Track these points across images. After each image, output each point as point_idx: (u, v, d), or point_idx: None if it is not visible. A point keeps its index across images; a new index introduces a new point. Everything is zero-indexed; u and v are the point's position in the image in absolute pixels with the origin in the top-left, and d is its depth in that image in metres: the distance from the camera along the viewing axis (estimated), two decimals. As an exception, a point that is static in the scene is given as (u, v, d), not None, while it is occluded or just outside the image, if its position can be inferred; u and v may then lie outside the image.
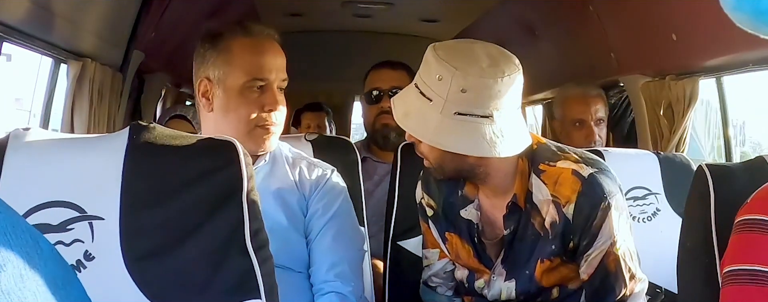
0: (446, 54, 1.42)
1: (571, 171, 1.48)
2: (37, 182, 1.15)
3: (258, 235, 1.18)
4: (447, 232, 1.64)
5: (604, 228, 1.47)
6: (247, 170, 1.18)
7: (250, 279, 1.16)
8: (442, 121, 1.41)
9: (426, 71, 1.44)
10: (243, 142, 1.55)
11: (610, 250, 1.48)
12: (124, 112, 2.98)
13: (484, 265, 1.61)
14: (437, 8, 4.30)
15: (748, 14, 1.01)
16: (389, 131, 2.40)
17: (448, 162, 1.50)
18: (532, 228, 1.52)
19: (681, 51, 2.49)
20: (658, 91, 2.70)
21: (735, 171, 1.36)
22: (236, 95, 1.59)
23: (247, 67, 1.59)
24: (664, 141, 2.69)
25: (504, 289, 1.59)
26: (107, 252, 1.13)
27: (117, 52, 2.78)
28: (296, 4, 4.21)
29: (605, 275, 1.50)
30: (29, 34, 2.15)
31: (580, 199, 1.46)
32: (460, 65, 1.40)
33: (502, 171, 1.51)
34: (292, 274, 1.60)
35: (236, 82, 1.59)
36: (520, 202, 1.52)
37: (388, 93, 2.41)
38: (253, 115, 1.59)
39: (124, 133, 1.20)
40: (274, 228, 1.58)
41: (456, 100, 1.39)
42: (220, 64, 1.60)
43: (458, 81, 1.38)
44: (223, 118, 1.61)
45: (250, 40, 1.61)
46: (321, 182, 1.67)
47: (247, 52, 1.60)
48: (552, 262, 1.53)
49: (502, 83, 1.40)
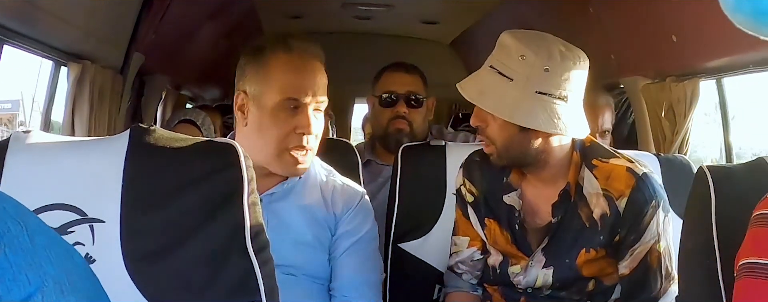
0: (526, 37, 1.53)
1: (625, 168, 1.57)
2: (38, 185, 1.15)
3: (258, 237, 1.18)
4: (486, 218, 1.69)
5: (651, 225, 1.55)
6: (248, 172, 1.18)
7: (251, 281, 1.16)
8: (522, 99, 1.50)
9: (504, 53, 1.52)
10: (272, 164, 1.57)
11: (653, 247, 1.56)
12: (125, 114, 2.99)
13: (522, 252, 1.65)
14: (437, 10, 4.30)
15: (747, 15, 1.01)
16: (402, 136, 2.38)
17: (515, 146, 1.55)
18: (578, 219, 1.58)
19: (681, 52, 2.49)
20: (659, 92, 2.70)
21: (735, 173, 1.36)
22: (269, 114, 1.54)
23: (282, 86, 1.54)
24: (667, 143, 2.68)
25: (541, 275, 1.63)
26: (108, 255, 1.13)
27: (117, 54, 2.78)
28: (296, 6, 4.21)
29: (646, 270, 1.56)
30: (29, 37, 2.15)
31: (633, 194, 1.54)
32: (543, 45, 1.51)
33: (559, 161, 1.59)
34: (312, 284, 1.62)
35: (271, 101, 1.54)
36: (572, 191, 1.59)
37: (405, 97, 2.39)
38: (283, 137, 1.55)
39: (124, 135, 1.20)
40: (302, 242, 1.60)
41: (538, 78, 1.49)
42: (257, 79, 1.56)
43: (543, 59, 1.49)
44: (254, 135, 1.57)
45: (289, 57, 1.56)
46: (352, 204, 1.67)
47: (284, 70, 1.55)
48: (597, 253, 1.59)
49: (578, 67, 1.53)
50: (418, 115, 2.40)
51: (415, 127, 2.39)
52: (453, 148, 2.07)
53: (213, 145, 1.22)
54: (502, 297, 1.72)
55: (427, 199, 2.04)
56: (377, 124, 2.45)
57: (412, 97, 2.38)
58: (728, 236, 1.22)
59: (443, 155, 2.05)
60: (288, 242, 1.58)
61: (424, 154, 2.09)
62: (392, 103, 2.39)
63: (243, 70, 1.59)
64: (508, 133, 1.55)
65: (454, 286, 1.79)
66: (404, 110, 2.38)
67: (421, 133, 2.43)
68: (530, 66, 1.49)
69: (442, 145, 2.08)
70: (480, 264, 1.76)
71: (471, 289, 1.78)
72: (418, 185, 2.06)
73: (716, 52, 2.33)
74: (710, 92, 2.65)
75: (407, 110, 2.38)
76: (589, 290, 1.63)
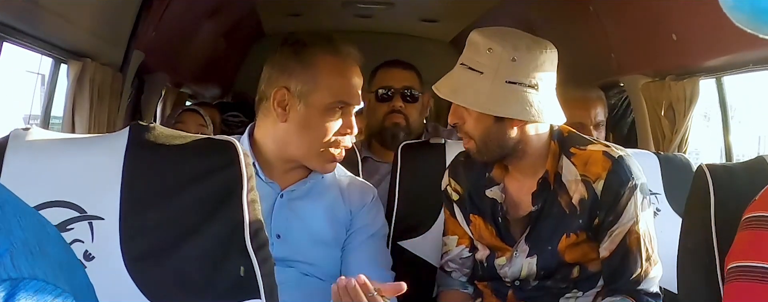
0: (492, 32, 1.58)
1: (602, 152, 1.60)
2: (37, 182, 1.15)
3: (258, 235, 1.18)
4: (471, 214, 1.73)
5: (629, 207, 1.57)
6: (247, 170, 1.18)
7: (250, 280, 1.16)
8: (493, 90, 1.54)
9: (473, 50, 1.58)
10: (310, 160, 1.61)
11: (632, 229, 1.58)
12: (125, 112, 2.99)
13: (507, 243, 1.68)
14: (437, 8, 4.30)
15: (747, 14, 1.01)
16: (399, 131, 2.40)
17: (493, 138, 1.59)
18: (558, 206, 1.62)
19: (681, 51, 2.49)
20: (659, 91, 2.70)
21: (735, 172, 1.36)
22: (319, 113, 1.58)
23: (334, 89, 1.58)
24: (666, 141, 2.69)
25: (525, 265, 1.66)
26: (107, 252, 1.13)
27: (117, 51, 2.78)
28: (296, 5, 4.21)
29: (625, 252, 1.58)
30: (29, 34, 2.15)
31: (609, 176, 1.57)
32: (509, 38, 1.57)
33: (537, 151, 1.63)
34: (325, 284, 1.62)
35: (321, 101, 1.58)
36: (550, 180, 1.62)
37: (400, 92, 2.40)
38: (330, 137, 1.60)
39: (124, 132, 1.20)
40: (319, 241, 1.63)
41: (506, 69, 1.54)
42: (305, 79, 1.58)
43: (509, 50, 1.54)
44: (298, 132, 1.59)
45: (337, 60, 1.61)
46: (367, 199, 1.71)
47: (334, 73, 1.59)
48: (577, 237, 1.62)
49: (545, 56, 1.57)
50: (414, 109, 2.42)
51: (412, 122, 2.40)
52: (452, 146, 2.07)
53: (213, 143, 1.22)
54: (492, 293, 1.75)
55: (427, 197, 2.04)
56: (374, 119, 2.46)
57: (408, 92, 2.40)
58: (727, 235, 1.22)
59: (443, 153, 2.05)
60: (306, 239, 1.61)
61: (424, 152, 2.09)
62: (388, 98, 2.41)
63: (284, 66, 1.60)
64: (485, 126, 1.59)
65: (445, 285, 1.83)
66: (400, 104, 2.40)
67: (417, 128, 2.44)
68: (498, 57, 1.54)
69: (442, 142, 2.09)
70: (469, 261, 1.79)
71: (461, 287, 1.81)
72: (418, 183, 2.06)
73: (716, 51, 2.33)
74: (710, 93, 2.65)
75: (403, 105, 2.40)
76: (574, 277, 1.66)
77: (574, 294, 1.67)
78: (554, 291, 1.67)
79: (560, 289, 1.67)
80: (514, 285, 1.70)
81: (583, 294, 1.66)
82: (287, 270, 1.56)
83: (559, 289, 1.67)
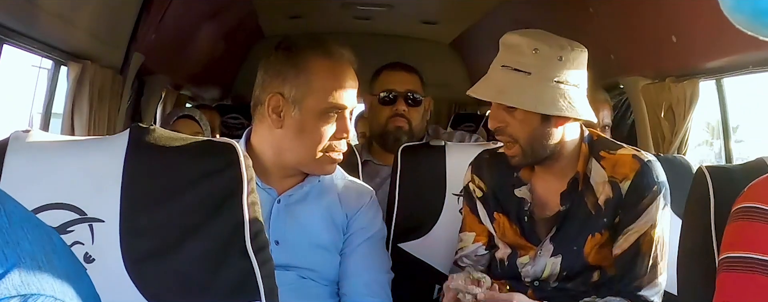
0: (533, 33, 1.59)
1: (632, 155, 1.62)
2: (38, 184, 1.15)
3: (258, 237, 1.18)
4: (495, 212, 1.73)
5: (650, 210, 1.58)
6: (248, 172, 1.18)
7: (250, 281, 1.16)
8: (543, 89, 1.54)
9: (515, 51, 1.57)
10: (307, 165, 1.61)
11: (648, 232, 1.58)
12: (124, 114, 2.99)
13: (531, 243, 1.68)
14: (437, 10, 4.30)
15: (747, 15, 1.01)
16: (401, 134, 2.39)
17: (538, 139, 1.59)
18: (584, 207, 1.63)
19: (681, 53, 2.49)
20: (659, 93, 2.70)
21: (734, 173, 1.36)
22: (314, 119, 1.57)
23: (328, 93, 1.57)
24: (666, 143, 2.69)
25: (548, 264, 1.66)
26: (107, 254, 1.13)
27: (117, 53, 2.78)
28: (296, 6, 4.21)
29: (635, 253, 1.58)
30: (29, 36, 2.15)
31: (637, 177, 1.58)
32: (552, 38, 1.58)
33: (570, 153, 1.64)
34: (324, 288, 1.63)
35: (316, 106, 1.56)
36: (580, 180, 1.63)
37: (403, 96, 2.39)
38: (326, 141, 1.59)
39: (124, 135, 1.20)
40: (318, 245, 1.62)
41: (554, 68, 1.55)
42: (298, 83, 1.56)
43: (556, 50, 1.55)
44: (294, 138, 1.58)
45: (330, 63, 1.59)
46: (364, 202, 1.70)
47: (328, 77, 1.57)
48: (602, 236, 1.62)
49: (584, 55, 1.60)
50: (416, 113, 2.42)
51: (414, 126, 2.40)
52: (453, 148, 2.07)
53: (213, 145, 1.22)
54: (508, 291, 1.73)
55: (427, 199, 2.04)
56: (375, 122, 2.45)
57: (411, 96, 2.40)
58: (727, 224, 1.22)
59: (443, 155, 2.05)
60: (305, 244, 1.60)
61: (424, 154, 2.09)
62: (391, 101, 2.40)
63: (277, 71, 1.58)
64: (531, 127, 1.58)
65: None
66: (403, 108, 2.39)
67: (419, 131, 2.44)
68: (545, 57, 1.55)
69: (442, 145, 2.09)
70: (483, 259, 1.79)
71: None
72: (418, 185, 2.06)
73: (716, 53, 2.33)
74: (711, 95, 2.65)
75: (406, 108, 2.39)
76: (594, 281, 1.65)
77: (592, 299, 1.64)
78: (572, 294, 1.66)
79: (579, 292, 1.65)
80: (533, 285, 1.69)
81: (601, 300, 1.63)
82: (286, 273, 1.56)
83: (578, 292, 1.65)
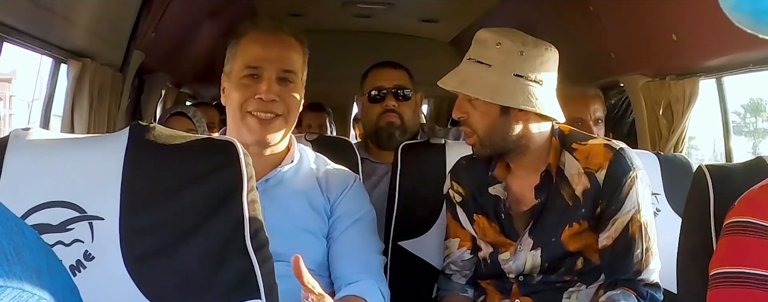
0: (500, 30, 1.64)
1: (603, 144, 1.66)
2: (37, 182, 1.15)
3: (258, 235, 1.18)
4: (475, 214, 1.76)
5: (631, 195, 1.61)
6: (247, 170, 1.18)
7: (250, 280, 1.16)
8: (501, 81, 1.59)
9: (481, 46, 1.63)
10: (239, 132, 1.61)
11: (634, 217, 1.61)
12: (125, 112, 2.98)
13: (510, 238, 1.71)
14: (437, 8, 4.29)
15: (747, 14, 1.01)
16: (394, 130, 2.40)
17: (497, 131, 1.63)
18: (561, 199, 1.65)
19: (681, 51, 2.49)
20: (658, 91, 2.70)
21: (734, 172, 1.36)
22: (235, 85, 1.62)
23: (245, 58, 1.62)
24: (663, 141, 2.69)
25: (529, 258, 1.69)
26: (107, 252, 1.13)
27: (117, 51, 2.78)
28: (296, 4, 4.20)
29: (629, 241, 1.61)
30: (29, 34, 2.15)
31: (612, 166, 1.61)
32: (516, 34, 1.63)
33: (539, 147, 1.67)
34: (315, 277, 1.61)
35: (236, 74, 1.62)
36: (553, 173, 1.66)
37: (392, 91, 2.41)
38: (244, 102, 1.60)
39: (124, 132, 1.20)
40: (302, 228, 1.60)
41: (514, 62, 1.60)
42: (229, 58, 1.65)
43: (517, 45, 1.60)
44: (228, 110, 1.64)
45: (257, 34, 1.64)
46: (348, 185, 1.69)
47: (249, 44, 1.63)
48: (580, 226, 1.64)
49: (549, 54, 1.64)
50: (407, 108, 2.43)
51: (406, 121, 2.41)
52: (453, 147, 2.07)
53: (213, 143, 1.22)
54: (495, 290, 1.77)
55: (427, 197, 2.04)
56: (368, 120, 2.47)
57: (399, 91, 2.42)
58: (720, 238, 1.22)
59: (443, 153, 2.05)
60: (288, 229, 1.58)
61: (424, 153, 2.09)
62: (381, 98, 2.42)
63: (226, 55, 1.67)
64: (490, 119, 1.62)
65: (445, 289, 1.84)
66: (393, 103, 2.41)
67: (412, 127, 2.45)
68: (506, 51, 1.60)
69: (442, 143, 2.09)
70: (469, 263, 1.81)
71: (461, 290, 1.82)
72: (418, 183, 2.06)
73: (716, 51, 2.33)
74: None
75: (396, 103, 2.41)
76: (578, 269, 1.68)
77: (577, 287, 1.68)
78: (558, 286, 1.69)
79: (564, 282, 1.68)
80: (518, 280, 1.72)
81: (586, 287, 1.68)
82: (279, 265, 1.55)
83: (563, 283, 1.68)
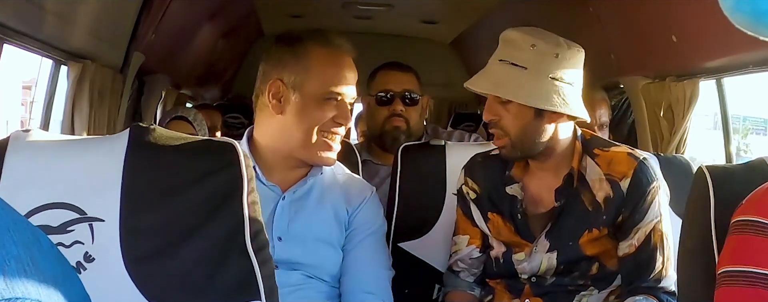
0: (531, 30, 1.62)
1: (626, 153, 1.65)
2: (37, 184, 1.15)
3: (258, 237, 1.18)
4: (489, 212, 1.75)
5: (654, 205, 1.62)
6: (247, 171, 1.18)
7: (251, 281, 1.16)
8: (537, 84, 1.58)
9: (513, 47, 1.61)
10: (306, 149, 1.61)
11: (656, 226, 1.62)
12: (125, 114, 2.99)
13: (526, 239, 1.70)
14: (437, 10, 4.30)
15: (746, 15, 1.01)
16: (399, 134, 2.39)
17: (529, 134, 1.62)
18: (581, 204, 1.65)
19: (681, 52, 2.49)
20: (659, 92, 2.70)
21: (735, 173, 1.36)
22: (314, 102, 1.59)
23: (327, 79, 1.59)
24: (664, 142, 2.69)
25: (545, 260, 1.68)
26: (107, 254, 1.13)
27: (117, 53, 2.78)
28: (296, 6, 4.21)
29: (651, 249, 1.61)
30: (30, 36, 2.15)
31: (636, 175, 1.61)
32: (550, 35, 1.62)
33: (563, 150, 1.67)
34: (327, 286, 1.63)
35: (315, 91, 1.59)
36: (575, 177, 1.66)
37: (400, 96, 2.39)
38: (322, 123, 1.60)
39: (124, 134, 1.20)
40: (322, 240, 1.62)
41: (550, 64, 1.58)
42: (298, 69, 1.59)
43: (552, 47, 1.59)
44: (294, 122, 1.60)
45: (329, 51, 1.61)
46: (366, 197, 1.70)
47: (326, 64, 1.60)
48: (600, 232, 1.64)
49: (581, 55, 1.63)
50: (414, 112, 2.42)
51: (412, 125, 2.40)
52: (453, 148, 2.07)
53: (213, 144, 1.22)
54: (505, 289, 1.75)
55: (427, 199, 2.04)
56: (373, 123, 2.45)
57: (408, 95, 2.40)
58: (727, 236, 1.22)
59: (443, 155, 2.05)
60: (309, 239, 1.60)
61: (424, 154, 2.09)
62: (389, 101, 2.40)
63: (278, 59, 1.61)
64: (523, 122, 1.61)
65: (451, 285, 1.83)
66: (401, 108, 2.39)
67: (417, 131, 2.44)
68: (542, 53, 1.58)
69: (442, 144, 2.08)
70: (477, 262, 1.79)
71: (468, 288, 1.81)
72: (418, 185, 2.06)
73: (716, 52, 2.33)
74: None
75: (404, 108, 2.39)
76: (592, 273, 1.67)
77: (590, 292, 1.68)
78: (570, 289, 1.68)
79: (577, 286, 1.68)
80: (530, 281, 1.71)
81: (598, 292, 1.68)
82: (291, 273, 1.56)
83: (576, 286, 1.68)
